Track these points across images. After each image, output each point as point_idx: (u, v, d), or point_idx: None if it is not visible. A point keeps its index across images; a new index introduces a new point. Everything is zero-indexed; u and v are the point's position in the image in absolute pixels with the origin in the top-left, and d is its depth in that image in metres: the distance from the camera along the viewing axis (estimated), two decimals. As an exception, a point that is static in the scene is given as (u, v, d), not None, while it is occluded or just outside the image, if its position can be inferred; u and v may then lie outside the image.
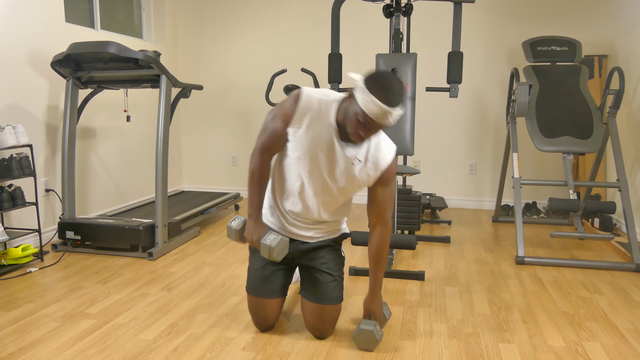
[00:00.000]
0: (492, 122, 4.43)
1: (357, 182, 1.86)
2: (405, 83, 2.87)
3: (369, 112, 1.61)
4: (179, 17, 4.96)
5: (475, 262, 3.03)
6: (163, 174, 3.14)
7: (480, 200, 4.55)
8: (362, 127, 1.66)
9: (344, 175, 1.83)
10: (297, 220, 1.97)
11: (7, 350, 1.92)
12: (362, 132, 1.67)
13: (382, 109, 1.60)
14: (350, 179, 1.84)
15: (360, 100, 1.63)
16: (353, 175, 1.83)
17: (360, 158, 1.81)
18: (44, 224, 3.37)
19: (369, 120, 1.64)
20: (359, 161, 1.81)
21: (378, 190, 1.88)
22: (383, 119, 1.63)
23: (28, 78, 3.21)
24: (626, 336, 2.06)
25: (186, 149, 5.18)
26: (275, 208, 2.01)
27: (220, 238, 3.54)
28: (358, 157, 1.80)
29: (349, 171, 1.82)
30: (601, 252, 3.21)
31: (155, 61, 3.02)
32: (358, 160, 1.81)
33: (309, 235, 2.00)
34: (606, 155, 4.04)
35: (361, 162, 1.81)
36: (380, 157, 1.82)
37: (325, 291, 1.96)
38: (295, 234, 2.00)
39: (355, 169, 1.82)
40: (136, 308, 2.32)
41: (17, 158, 2.88)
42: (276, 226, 2.03)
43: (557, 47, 3.52)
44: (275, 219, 2.02)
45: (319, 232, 2.01)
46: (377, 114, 1.61)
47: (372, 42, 4.54)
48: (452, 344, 1.98)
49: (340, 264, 2.04)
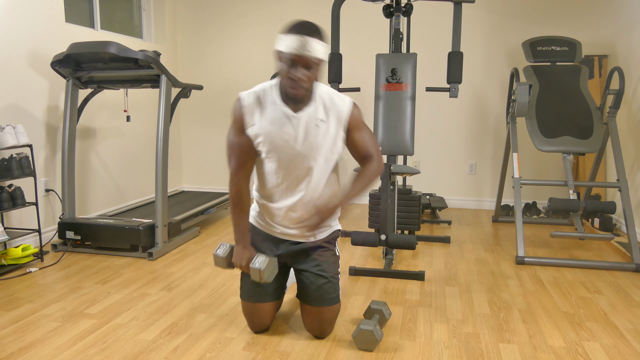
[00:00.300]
0: (492, 122, 4.43)
1: (329, 140, 1.85)
2: (405, 83, 2.87)
3: (287, 49, 1.66)
4: (179, 17, 4.96)
5: (475, 262, 3.03)
6: (163, 174, 3.14)
7: (480, 200, 4.55)
8: (292, 70, 1.69)
9: (315, 139, 1.83)
10: (287, 217, 1.95)
11: (7, 350, 1.92)
12: (294, 74, 1.69)
13: (297, 39, 1.65)
14: (322, 139, 1.84)
15: (280, 48, 1.69)
16: (323, 135, 1.83)
17: (321, 117, 1.82)
18: (44, 224, 3.37)
19: (293, 58, 1.67)
20: (322, 121, 1.82)
21: (354, 138, 1.90)
22: (303, 49, 1.65)
23: (28, 78, 3.21)
24: (626, 336, 2.06)
25: (186, 149, 5.18)
26: (264, 211, 2.00)
27: (221, 238, 3.54)
28: (319, 117, 1.82)
29: (317, 133, 1.83)
30: (601, 252, 3.21)
31: (155, 61, 3.02)
32: (321, 121, 1.82)
33: (299, 233, 1.98)
34: (606, 155, 4.04)
35: (325, 121, 1.83)
36: (338, 104, 1.85)
37: (321, 294, 1.95)
38: (286, 233, 1.99)
39: (321, 130, 1.83)
40: (136, 308, 2.32)
41: (17, 158, 2.88)
42: (266, 228, 2.02)
43: (557, 47, 3.52)
44: (264, 222, 2.02)
45: (311, 237, 1.99)
46: (294, 46, 1.65)
47: (372, 42, 4.54)
48: (452, 344, 1.98)
49: (334, 264, 2.02)
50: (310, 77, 1.72)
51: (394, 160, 2.93)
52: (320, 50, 1.69)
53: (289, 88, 1.73)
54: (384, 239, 2.70)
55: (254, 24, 4.79)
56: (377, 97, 2.90)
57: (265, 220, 2.01)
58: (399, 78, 2.87)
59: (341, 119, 1.85)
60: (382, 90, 2.89)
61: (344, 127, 1.87)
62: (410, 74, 2.87)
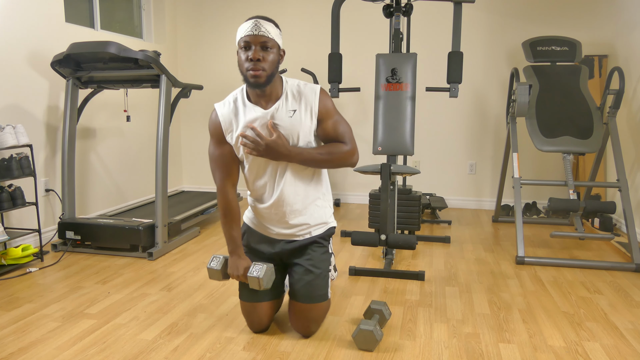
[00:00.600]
0: (492, 122, 4.43)
1: (304, 128, 1.85)
2: (405, 83, 2.87)
3: (242, 33, 1.74)
4: (179, 17, 4.96)
5: (475, 262, 3.03)
6: (163, 174, 3.14)
7: (480, 200, 4.55)
8: (249, 52, 1.74)
9: (289, 129, 1.84)
10: (278, 215, 1.95)
11: (7, 350, 1.92)
12: (251, 55, 1.72)
13: (249, 23, 1.73)
14: (297, 127, 1.84)
15: (237, 38, 1.77)
16: (297, 123, 1.84)
17: (292, 108, 1.84)
18: (44, 224, 3.37)
19: (247, 39, 1.73)
20: (293, 111, 1.84)
21: (326, 126, 1.89)
22: (256, 30, 1.72)
23: (28, 78, 3.21)
24: (626, 336, 2.06)
25: (186, 149, 5.18)
26: (257, 214, 2.01)
27: (220, 238, 3.54)
28: (289, 108, 1.84)
29: (290, 123, 1.84)
30: (601, 252, 3.21)
31: (155, 61, 3.02)
32: (292, 111, 1.84)
33: (292, 232, 1.98)
34: (606, 155, 4.04)
35: (296, 110, 1.85)
36: (307, 92, 1.87)
37: (309, 290, 1.95)
38: (281, 233, 2.00)
39: (295, 119, 1.84)
40: (136, 308, 2.32)
41: (17, 158, 2.88)
42: (261, 229, 2.03)
43: (557, 47, 3.52)
44: (259, 223, 2.03)
45: (303, 227, 1.98)
46: (247, 28, 1.72)
47: (372, 42, 4.54)
48: (452, 344, 1.98)
49: (326, 260, 2.02)
50: (267, 58, 1.74)
51: (394, 160, 2.93)
52: (272, 31, 1.75)
53: (250, 72, 1.74)
54: (384, 239, 2.70)
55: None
56: (377, 97, 2.90)
57: (260, 222, 2.03)
58: (399, 78, 2.87)
59: (311, 108, 1.86)
60: (382, 90, 2.89)
61: (316, 116, 1.87)
62: (410, 74, 2.87)
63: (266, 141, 1.78)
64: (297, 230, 1.99)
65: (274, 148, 1.79)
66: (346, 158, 1.91)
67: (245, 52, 1.74)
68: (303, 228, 1.99)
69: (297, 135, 1.85)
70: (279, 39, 1.79)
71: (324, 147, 1.90)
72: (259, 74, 1.73)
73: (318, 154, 1.86)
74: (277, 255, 2.04)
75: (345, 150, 1.90)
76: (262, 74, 1.74)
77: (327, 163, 1.89)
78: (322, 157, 1.86)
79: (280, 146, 1.79)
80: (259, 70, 1.73)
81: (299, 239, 2.01)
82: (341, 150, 1.90)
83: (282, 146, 1.79)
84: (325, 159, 1.87)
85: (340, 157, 1.90)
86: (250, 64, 1.73)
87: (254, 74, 1.73)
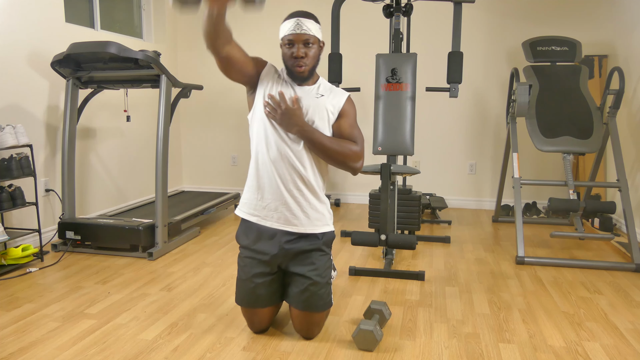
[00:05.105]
0: (492, 122, 4.43)
1: (324, 111, 1.96)
2: (405, 83, 2.87)
3: (285, 32, 1.90)
4: (179, 17, 4.96)
5: (475, 262, 3.03)
6: (163, 174, 3.14)
7: (480, 200, 4.55)
8: (293, 49, 1.90)
9: (310, 104, 1.95)
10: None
11: (7, 350, 1.92)
12: (295, 52, 1.89)
13: (292, 22, 1.89)
14: (318, 106, 1.95)
15: (280, 35, 1.94)
16: (321, 104, 1.96)
17: (321, 93, 2.00)
18: (44, 224, 3.37)
19: (291, 38, 1.89)
20: (321, 95, 1.99)
21: (341, 123, 2.00)
22: (298, 28, 1.87)
23: (28, 78, 3.21)
24: (626, 336, 2.06)
25: (186, 149, 5.18)
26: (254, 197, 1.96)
27: (221, 238, 3.54)
28: (319, 92, 2.00)
29: (315, 102, 1.96)
30: (601, 252, 3.21)
31: (155, 61, 3.02)
32: (321, 95, 1.99)
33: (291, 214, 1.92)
34: (606, 155, 4.04)
35: (323, 96, 1.99)
36: (338, 91, 2.05)
37: (314, 300, 1.94)
38: (280, 217, 1.92)
39: (320, 101, 1.97)
40: (136, 308, 2.32)
41: (17, 158, 2.88)
42: (259, 218, 1.96)
43: (557, 47, 3.52)
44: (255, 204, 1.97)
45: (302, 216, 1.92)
46: (290, 27, 1.88)
47: (372, 42, 4.54)
48: (452, 344, 1.98)
49: (329, 269, 2.03)
50: (309, 54, 1.91)
51: (394, 160, 2.93)
52: (313, 28, 1.90)
53: (295, 67, 1.92)
54: (384, 239, 2.70)
55: (254, 23, 4.79)
56: (377, 97, 2.90)
57: (257, 204, 1.95)
58: (399, 78, 2.87)
59: (336, 104, 2.00)
60: (382, 90, 2.89)
61: (338, 111, 2.00)
62: (410, 74, 2.87)
63: (286, 106, 1.87)
64: (296, 211, 1.92)
65: (291, 115, 1.88)
66: (352, 157, 1.95)
67: (290, 49, 1.91)
68: (301, 211, 1.92)
69: (316, 117, 1.94)
70: (319, 33, 1.93)
71: (336, 138, 1.96)
72: (303, 70, 1.92)
73: (328, 140, 1.92)
74: (277, 258, 1.96)
75: (354, 150, 1.96)
76: (306, 69, 1.93)
77: (332, 152, 1.91)
78: (330, 145, 1.91)
79: (297, 116, 1.89)
80: (302, 67, 1.91)
81: (298, 230, 1.93)
82: (350, 148, 1.95)
83: (299, 117, 1.89)
84: (333, 147, 1.91)
85: (347, 153, 1.94)
86: (294, 61, 1.91)
87: (299, 70, 1.92)
